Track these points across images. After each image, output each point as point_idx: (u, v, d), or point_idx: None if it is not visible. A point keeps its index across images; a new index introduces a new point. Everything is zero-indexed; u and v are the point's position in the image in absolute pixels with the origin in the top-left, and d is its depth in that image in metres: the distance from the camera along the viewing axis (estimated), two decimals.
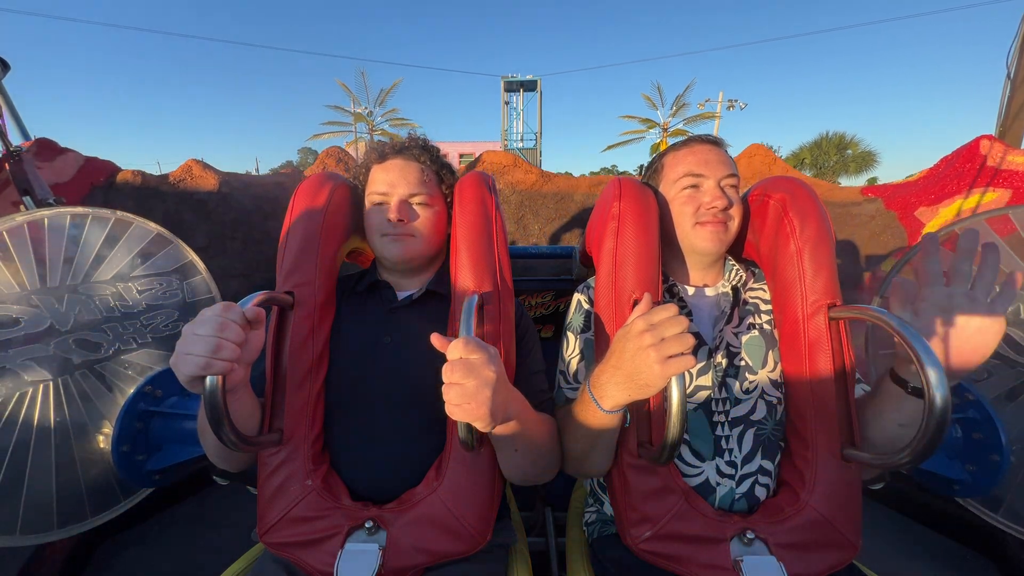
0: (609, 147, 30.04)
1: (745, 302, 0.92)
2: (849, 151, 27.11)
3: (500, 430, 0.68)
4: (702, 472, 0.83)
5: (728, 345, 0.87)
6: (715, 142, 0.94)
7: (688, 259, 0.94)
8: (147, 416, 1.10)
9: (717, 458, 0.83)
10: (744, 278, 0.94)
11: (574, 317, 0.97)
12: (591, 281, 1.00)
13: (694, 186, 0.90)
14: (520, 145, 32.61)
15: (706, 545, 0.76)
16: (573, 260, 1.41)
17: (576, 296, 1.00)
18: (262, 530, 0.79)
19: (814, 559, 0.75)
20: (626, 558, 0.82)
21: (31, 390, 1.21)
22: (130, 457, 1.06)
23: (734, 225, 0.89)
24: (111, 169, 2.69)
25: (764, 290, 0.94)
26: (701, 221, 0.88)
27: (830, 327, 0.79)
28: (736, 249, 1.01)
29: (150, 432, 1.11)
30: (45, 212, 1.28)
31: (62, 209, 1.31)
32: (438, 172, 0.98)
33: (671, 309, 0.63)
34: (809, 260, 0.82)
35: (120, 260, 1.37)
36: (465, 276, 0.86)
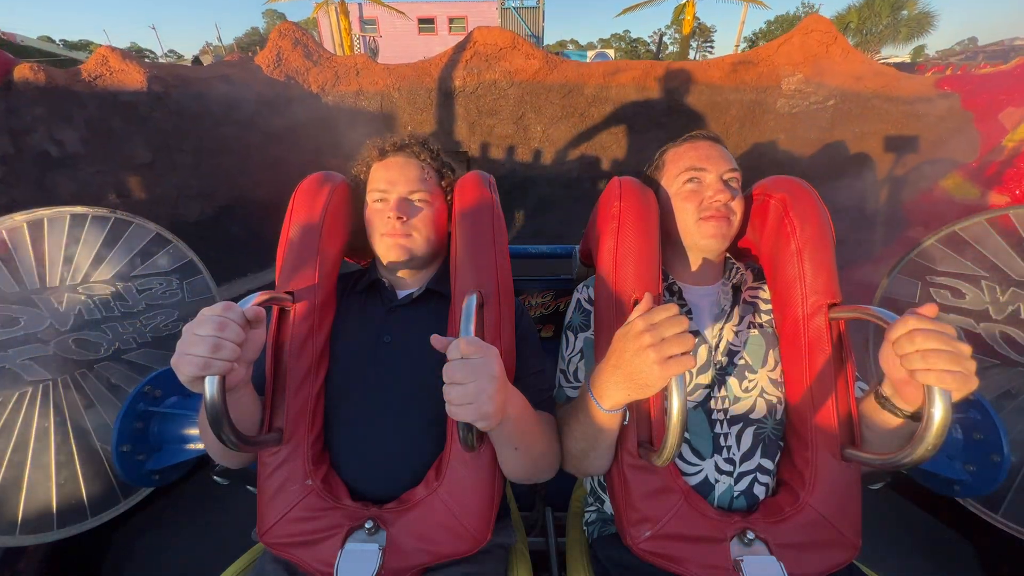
0: (625, 11, 22.51)
1: (745, 301, 0.92)
2: (904, 12, 21.47)
3: (500, 430, 0.68)
4: (701, 470, 0.83)
5: (729, 344, 0.87)
6: (715, 139, 0.95)
7: (690, 256, 0.94)
8: (147, 416, 1.10)
9: (716, 455, 0.83)
10: (744, 277, 0.94)
11: (574, 316, 0.98)
12: (591, 280, 1.00)
13: (696, 179, 0.90)
14: (518, 4, 25.47)
15: (706, 545, 0.76)
16: (573, 260, 1.41)
17: (576, 295, 1.00)
18: (262, 530, 0.79)
19: (814, 559, 0.75)
20: (626, 558, 0.82)
21: (31, 390, 1.21)
22: (130, 457, 1.06)
23: (736, 220, 0.89)
24: (5, 63, 2.03)
25: (764, 289, 0.94)
26: (704, 216, 0.88)
27: (830, 327, 0.79)
28: (736, 248, 1.01)
29: (150, 432, 1.10)
30: (45, 212, 1.28)
31: (62, 209, 1.31)
32: (438, 170, 0.99)
33: (671, 309, 0.63)
34: (809, 260, 0.82)
35: (120, 260, 1.37)
36: (465, 276, 0.86)
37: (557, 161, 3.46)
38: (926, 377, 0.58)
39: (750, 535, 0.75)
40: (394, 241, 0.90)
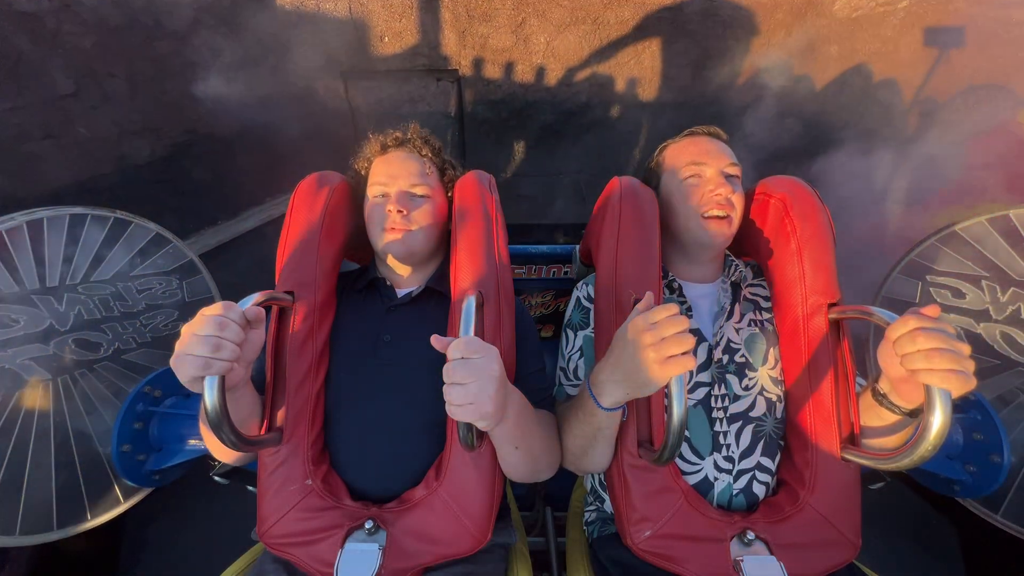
0: None
1: (746, 298, 0.93)
2: None
3: (500, 429, 0.68)
4: (701, 469, 0.83)
5: (729, 341, 0.87)
6: (715, 134, 0.95)
7: (690, 253, 0.94)
8: (147, 416, 1.10)
9: (715, 453, 0.83)
10: (744, 273, 0.94)
11: (573, 314, 0.98)
12: (591, 278, 1.00)
13: (697, 175, 0.91)
14: None
15: (706, 545, 0.76)
16: (573, 260, 1.41)
17: (576, 293, 1.00)
18: (262, 530, 0.79)
19: (814, 559, 0.75)
20: (626, 558, 0.82)
21: (31, 390, 1.21)
22: (130, 457, 1.06)
23: (736, 216, 0.90)
24: None
25: (764, 286, 0.95)
26: (705, 215, 0.88)
27: (830, 327, 0.79)
28: (736, 245, 1.01)
29: (150, 432, 1.11)
30: (45, 212, 1.28)
31: (61, 209, 1.31)
32: (440, 166, 0.99)
33: (671, 309, 0.63)
34: (809, 259, 0.83)
35: (119, 260, 1.37)
36: (465, 275, 0.86)
37: (563, 82, 2.79)
38: (928, 377, 0.58)
39: (750, 535, 0.75)
40: (394, 235, 0.90)
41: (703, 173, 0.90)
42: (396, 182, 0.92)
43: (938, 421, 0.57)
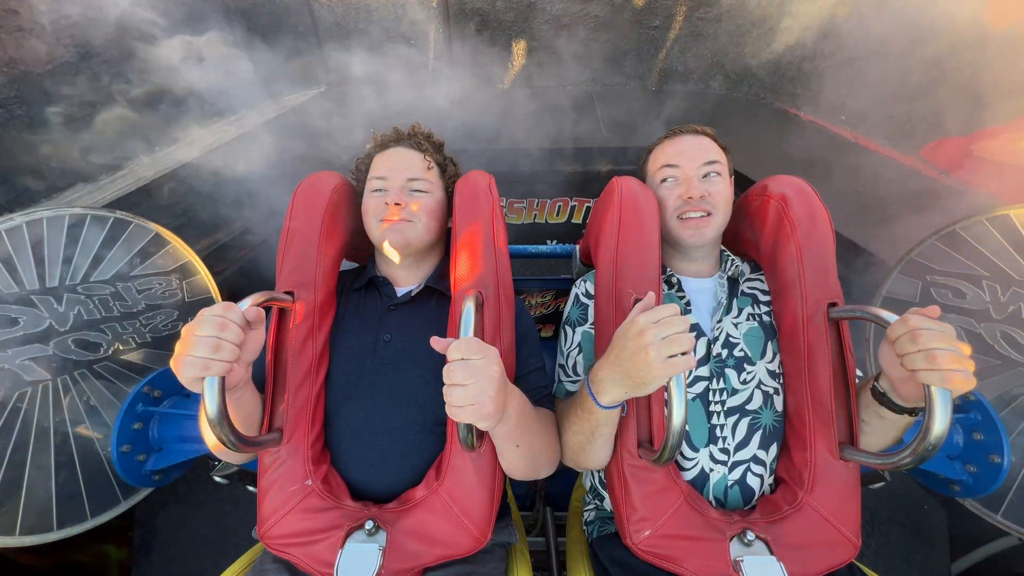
0: None
1: (743, 292, 0.93)
2: None
3: (501, 429, 0.68)
4: (696, 462, 0.83)
5: (728, 336, 0.88)
6: (697, 131, 0.96)
7: (681, 249, 0.95)
8: (147, 416, 1.10)
9: (710, 445, 0.83)
10: (741, 269, 0.95)
11: (572, 310, 0.98)
12: (590, 275, 1.01)
13: (672, 177, 0.93)
14: None
15: (706, 545, 0.76)
16: (573, 259, 1.41)
17: (574, 289, 1.00)
18: (262, 530, 0.79)
19: (814, 559, 0.75)
20: (626, 557, 0.82)
21: (31, 390, 1.21)
22: (130, 457, 1.06)
23: (720, 213, 0.91)
24: None
25: (762, 280, 0.95)
26: (682, 216, 0.90)
27: (830, 327, 0.79)
28: (736, 245, 1.01)
29: (150, 432, 1.11)
30: (45, 212, 1.28)
31: (61, 209, 1.31)
32: (440, 163, 1.00)
33: (672, 308, 0.63)
34: (809, 260, 0.83)
35: (119, 260, 1.36)
36: (465, 275, 0.86)
37: None
38: (929, 377, 0.58)
39: (750, 535, 0.75)
40: (391, 226, 0.90)
41: (678, 176, 0.92)
42: (395, 176, 0.92)
43: (938, 421, 0.57)
